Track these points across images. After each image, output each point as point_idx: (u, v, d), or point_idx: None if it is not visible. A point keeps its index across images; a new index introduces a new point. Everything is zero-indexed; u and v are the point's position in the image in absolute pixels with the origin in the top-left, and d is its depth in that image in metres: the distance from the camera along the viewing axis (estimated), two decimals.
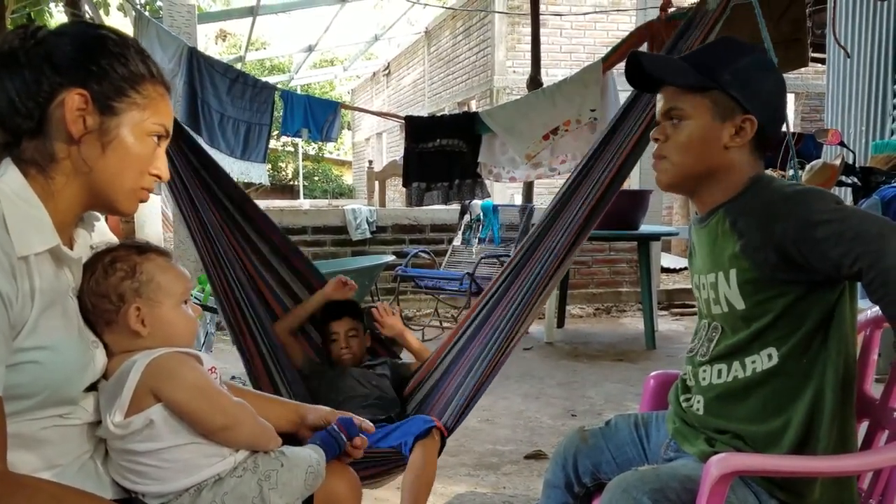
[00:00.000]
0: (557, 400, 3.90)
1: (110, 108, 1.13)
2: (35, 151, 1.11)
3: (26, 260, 1.06)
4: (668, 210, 9.79)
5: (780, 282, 1.31)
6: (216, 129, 4.31)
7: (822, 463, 1.32)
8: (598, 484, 1.61)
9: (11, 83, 1.10)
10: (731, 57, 1.40)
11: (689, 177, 1.43)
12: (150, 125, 1.16)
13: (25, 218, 1.07)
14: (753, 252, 1.33)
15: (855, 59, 5.76)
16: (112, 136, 1.13)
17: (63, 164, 1.12)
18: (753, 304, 1.35)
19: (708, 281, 1.44)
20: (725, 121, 1.39)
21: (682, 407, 1.52)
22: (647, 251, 5.24)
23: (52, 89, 1.10)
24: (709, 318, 1.48)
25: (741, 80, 1.38)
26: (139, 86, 1.15)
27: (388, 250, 6.04)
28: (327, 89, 23.58)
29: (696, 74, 1.40)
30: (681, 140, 1.41)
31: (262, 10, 8.81)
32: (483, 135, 4.45)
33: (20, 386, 1.04)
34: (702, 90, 1.39)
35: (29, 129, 1.11)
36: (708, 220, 1.46)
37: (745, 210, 1.37)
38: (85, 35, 1.15)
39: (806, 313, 1.32)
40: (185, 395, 1.18)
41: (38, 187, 1.11)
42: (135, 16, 4.60)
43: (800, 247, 1.26)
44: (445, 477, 2.85)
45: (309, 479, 1.27)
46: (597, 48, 10.61)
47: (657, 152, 1.46)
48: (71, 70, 1.11)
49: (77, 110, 1.10)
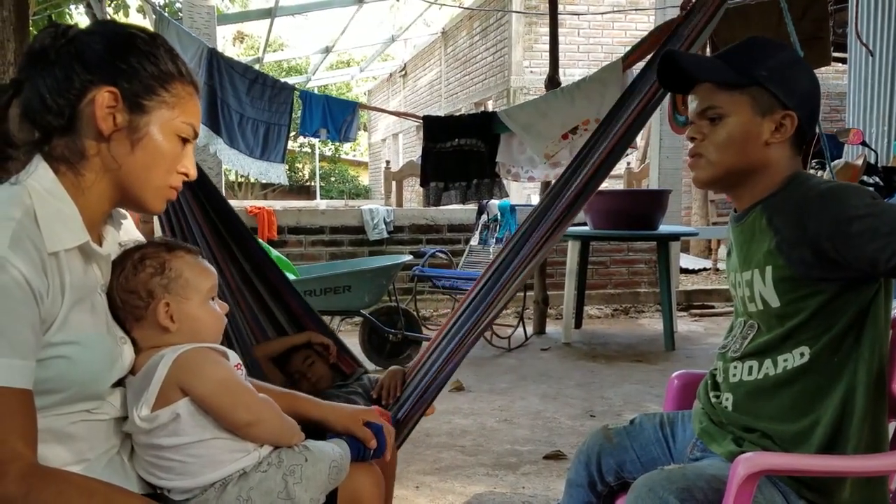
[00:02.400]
0: (576, 400, 3.88)
1: (140, 105, 1.13)
2: (65, 148, 1.12)
3: (56, 256, 1.07)
4: (687, 210, 9.74)
5: (814, 280, 1.30)
6: (235, 129, 4.34)
7: (851, 462, 1.30)
8: (621, 483, 1.60)
9: (43, 81, 1.11)
10: (766, 53, 1.40)
11: (729, 174, 1.42)
12: (178, 124, 1.17)
13: (56, 214, 1.09)
14: (788, 249, 1.32)
15: (877, 57, 5.70)
16: (141, 134, 1.14)
17: (93, 161, 1.13)
18: (788, 301, 1.34)
19: (744, 278, 1.43)
20: (765, 116, 1.38)
21: (710, 403, 1.51)
22: (666, 251, 5.21)
23: (82, 87, 1.11)
24: (745, 316, 1.47)
25: (779, 76, 1.38)
26: (169, 84, 1.16)
27: (406, 250, 6.05)
28: (344, 90, 23.64)
29: (734, 71, 1.39)
30: (720, 137, 1.40)
31: (279, 12, 8.86)
32: (501, 134, 4.44)
33: (49, 381, 1.05)
34: (740, 87, 1.38)
35: (59, 127, 1.12)
36: (745, 218, 1.45)
37: (781, 207, 1.36)
38: (115, 33, 1.16)
39: (840, 312, 1.30)
40: (210, 390, 1.19)
41: (68, 184, 1.12)
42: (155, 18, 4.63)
43: (835, 243, 1.24)
44: (464, 477, 2.84)
45: (333, 473, 1.28)
46: (615, 48, 10.58)
47: (693, 151, 1.45)
48: (101, 68, 1.11)
49: (107, 108, 1.11)
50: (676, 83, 1.50)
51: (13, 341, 0.98)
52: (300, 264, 5.11)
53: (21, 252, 1.01)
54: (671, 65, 1.48)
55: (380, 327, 4.50)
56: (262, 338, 2.45)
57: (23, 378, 1.00)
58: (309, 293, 4.08)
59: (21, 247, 1.01)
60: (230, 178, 19.57)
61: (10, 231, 1.01)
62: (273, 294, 2.48)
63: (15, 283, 0.99)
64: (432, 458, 3.04)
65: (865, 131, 5.56)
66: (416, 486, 2.74)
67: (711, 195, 9.97)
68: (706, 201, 9.87)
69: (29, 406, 1.01)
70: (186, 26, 5.13)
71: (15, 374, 0.99)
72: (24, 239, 1.02)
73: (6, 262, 0.99)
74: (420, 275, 5.21)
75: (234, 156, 4.41)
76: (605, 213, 5.14)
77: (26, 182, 1.08)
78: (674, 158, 6.65)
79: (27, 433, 1.00)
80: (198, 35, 4.80)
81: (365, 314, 4.40)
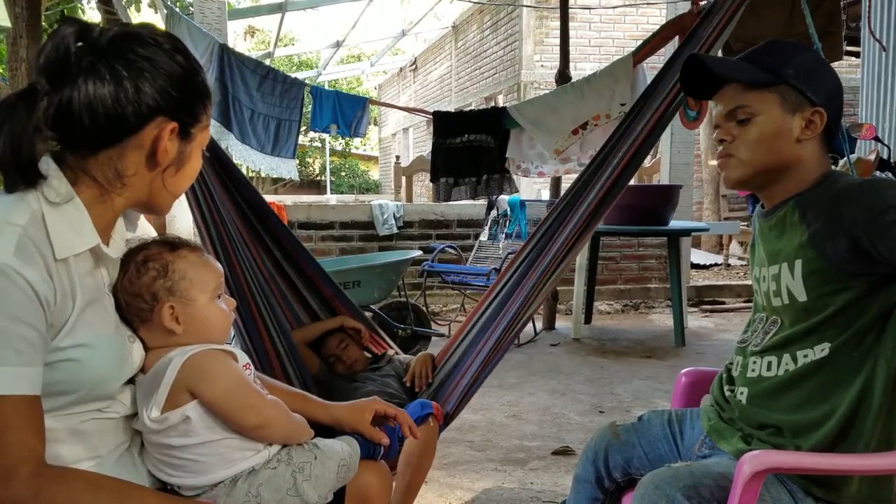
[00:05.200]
0: (585, 396, 3.88)
1: (189, 135, 1.16)
2: (98, 165, 1.10)
3: (65, 261, 1.07)
4: (699, 206, 9.69)
5: (845, 275, 1.30)
6: (247, 125, 4.35)
7: (858, 461, 1.30)
8: (628, 479, 1.60)
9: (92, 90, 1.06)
10: (790, 53, 1.41)
11: (761, 172, 1.42)
12: (206, 137, 1.21)
13: (66, 219, 1.08)
14: (822, 241, 1.32)
15: (890, 52, 5.64)
16: (186, 159, 1.18)
17: (129, 181, 1.12)
18: (816, 296, 1.34)
19: (770, 273, 1.44)
20: (795, 113, 1.38)
21: (724, 397, 1.51)
22: (677, 247, 5.20)
23: (148, 115, 1.09)
24: (767, 311, 1.47)
25: (806, 74, 1.39)
26: (207, 108, 1.19)
27: (415, 245, 6.06)
28: (354, 85, 23.65)
29: (762, 71, 1.40)
30: (751, 137, 1.41)
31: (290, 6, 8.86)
32: (511, 129, 4.43)
33: (59, 383, 1.06)
34: (768, 86, 1.39)
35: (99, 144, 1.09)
36: (775, 213, 1.45)
37: (815, 201, 1.37)
38: (175, 67, 1.12)
39: (866, 309, 1.30)
40: (219, 394, 1.18)
41: (88, 193, 1.11)
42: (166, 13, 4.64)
43: (869, 233, 1.24)
44: (472, 472, 2.85)
45: (341, 471, 1.28)
46: (626, 42, 10.51)
47: (723, 152, 1.45)
48: (168, 102, 1.11)
49: (168, 140, 1.12)
50: (699, 88, 1.50)
51: (19, 349, 0.99)
52: None
53: (26, 259, 1.01)
54: (694, 69, 1.48)
55: (389, 322, 4.51)
56: (295, 324, 2.55)
57: (29, 385, 1.00)
58: None
59: (26, 253, 1.01)
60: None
61: (16, 238, 1.01)
62: (305, 280, 2.57)
63: (20, 291, 0.99)
64: (441, 452, 3.05)
65: (878, 126, 5.52)
66: (425, 481, 2.74)
67: (723, 190, 9.93)
68: (717, 196, 9.83)
69: (36, 410, 1.02)
70: (197, 21, 5.14)
71: (22, 381, 0.99)
72: (29, 245, 1.02)
73: (11, 269, 0.99)
74: (429, 270, 5.22)
75: (245, 151, 4.43)
76: (616, 208, 5.06)
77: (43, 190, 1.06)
78: (685, 153, 6.62)
79: (34, 437, 1.01)
80: (209, 30, 4.81)
81: (374, 309, 4.41)
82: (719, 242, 9.51)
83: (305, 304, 2.59)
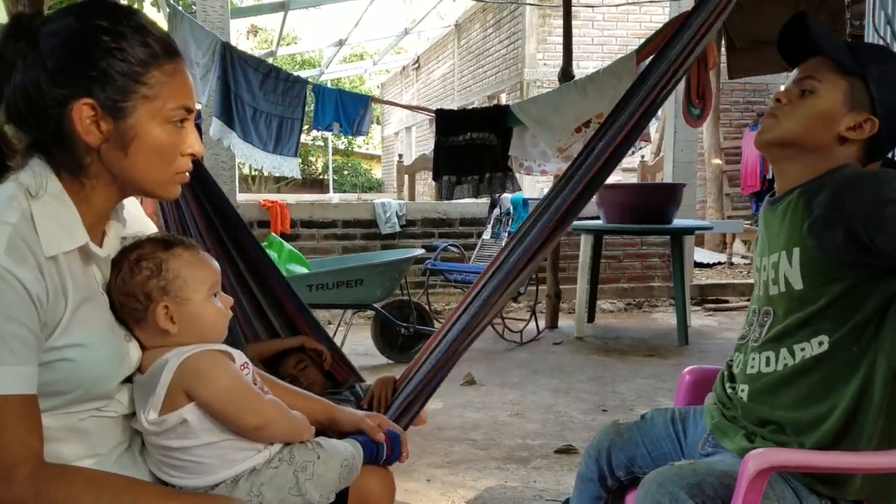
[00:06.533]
0: (587, 395, 3.87)
1: (120, 109, 1.07)
2: (64, 159, 1.09)
3: (55, 259, 1.05)
4: (702, 204, 9.67)
5: (841, 265, 1.29)
6: (249, 123, 4.35)
7: (862, 459, 1.30)
8: (631, 478, 1.60)
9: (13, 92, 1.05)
10: (884, 57, 1.41)
11: (792, 144, 1.42)
12: (167, 112, 1.10)
13: (54, 217, 1.06)
14: (822, 229, 1.31)
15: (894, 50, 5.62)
16: (130, 137, 1.08)
17: (91, 170, 1.10)
18: (811, 285, 1.33)
19: (770, 261, 1.43)
20: (851, 111, 1.37)
21: (726, 394, 1.51)
22: (680, 245, 5.19)
23: (56, 103, 1.04)
24: (762, 303, 1.47)
25: (886, 81, 1.37)
26: (144, 76, 1.07)
27: (418, 244, 6.05)
28: (357, 83, 23.65)
29: (851, 57, 1.39)
30: (802, 109, 1.40)
31: (292, 5, 8.86)
32: (514, 128, 4.42)
33: (55, 383, 1.05)
34: (847, 73, 1.38)
35: (48, 141, 1.08)
36: (781, 202, 1.44)
37: (820, 189, 1.36)
38: (77, 34, 1.06)
39: (863, 301, 1.30)
40: (217, 396, 1.17)
41: (70, 189, 1.10)
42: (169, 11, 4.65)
43: (867, 225, 1.23)
44: (475, 470, 2.85)
45: (344, 472, 1.27)
46: (629, 40, 10.49)
47: (771, 111, 1.45)
48: (71, 80, 1.04)
49: (88, 120, 1.05)
50: (792, 52, 1.48)
51: (13, 348, 0.98)
52: (312, 258, 5.12)
53: (18, 257, 1.00)
54: (794, 33, 1.46)
55: (392, 321, 4.51)
56: (252, 339, 2.41)
57: (25, 384, 1.00)
58: (321, 287, 4.10)
59: (17, 252, 1.00)
60: (244, 172, 19.65)
61: (6, 236, 1.00)
62: (268, 294, 2.45)
63: (12, 290, 0.98)
64: (443, 451, 3.05)
65: None
66: (428, 480, 2.74)
67: (726, 188, 9.91)
68: (721, 195, 9.81)
69: (33, 410, 1.01)
70: (200, 20, 5.14)
71: (17, 381, 0.99)
72: (20, 244, 1.00)
73: (2, 268, 0.98)
74: (432, 269, 5.22)
75: (247, 149, 4.43)
76: (619, 207, 5.12)
77: (25, 184, 1.06)
78: (688, 151, 6.60)
79: (32, 436, 1.01)
80: (211, 29, 4.81)
81: (377, 308, 4.41)
82: (723, 241, 9.49)
83: (265, 321, 2.47)
